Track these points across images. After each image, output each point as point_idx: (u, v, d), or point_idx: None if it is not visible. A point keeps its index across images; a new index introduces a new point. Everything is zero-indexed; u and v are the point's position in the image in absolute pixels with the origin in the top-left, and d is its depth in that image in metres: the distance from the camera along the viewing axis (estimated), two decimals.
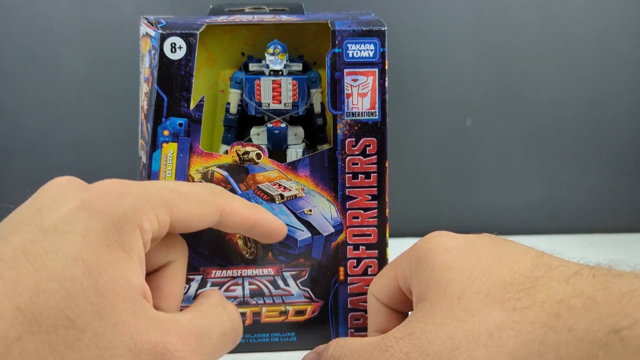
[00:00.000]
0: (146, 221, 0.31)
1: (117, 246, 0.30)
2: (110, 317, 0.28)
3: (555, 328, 0.28)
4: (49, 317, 0.27)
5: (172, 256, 0.34)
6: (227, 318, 0.33)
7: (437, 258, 0.35)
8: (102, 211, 0.30)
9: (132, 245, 0.30)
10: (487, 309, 0.31)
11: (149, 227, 0.31)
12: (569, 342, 0.28)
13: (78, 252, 0.29)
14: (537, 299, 0.30)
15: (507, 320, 0.30)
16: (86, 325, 0.27)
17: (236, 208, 0.36)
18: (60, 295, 0.27)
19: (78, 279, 0.28)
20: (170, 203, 0.32)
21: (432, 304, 0.33)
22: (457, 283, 0.33)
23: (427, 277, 0.34)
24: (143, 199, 0.31)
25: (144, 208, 0.31)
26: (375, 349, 0.33)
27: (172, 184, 0.34)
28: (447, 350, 0.31)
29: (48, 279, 0.28)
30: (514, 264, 0.33)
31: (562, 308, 0.29)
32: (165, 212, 0.32)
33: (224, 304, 0.35)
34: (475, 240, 0.36)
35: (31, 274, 0.28)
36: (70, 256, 0.28)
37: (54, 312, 0.27)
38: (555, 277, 0.31)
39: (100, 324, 0.28)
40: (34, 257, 0.28)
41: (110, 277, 0.29)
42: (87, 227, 0.30)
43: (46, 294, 0.27)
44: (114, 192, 0.31)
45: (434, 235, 0.37)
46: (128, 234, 0.30)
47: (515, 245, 0.35)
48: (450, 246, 0.35)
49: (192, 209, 0.33)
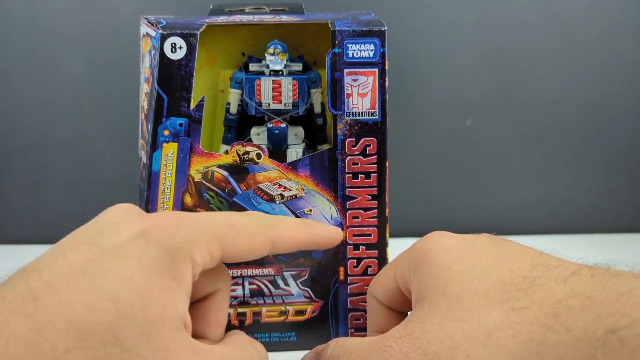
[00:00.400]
0: (198, 254, 0.32)
1: (169, 275, 0.31)
2: (155, 341, 0.29)
3: (554, 328, 0.28)
4: (98, 334, 0.28)
5: (218, 285, 0.36)
6: (257, 355, 0.35)
7: (436, 258, 0.35)
8: (158, 241, 0.31)
9: (182, 276, 0.31)
10: (485, 309, 0.31)
11: (200, 260, 0.32)
12: (567, 342, 0.28)
13: (132, 275, 0.30)
14: (536, 298, 0.30)
15: (505, 320, 0.30)
16: (132, 346, 0.28)
17: (287, 235, 0.36)
18: (112, 314, 0.28)
19: (130, 300, 0.29)
20: (223, 237, 0.33)
21: (431, 304, 0.33)
22: (456, 283, 0.33)
23: (426, 277, 0.34)
24: (198, 232, 0.32)
25: (198, 241, 0.32)
26: (374, 349, 0.34)
27: (226, 216, 0.35)
28: (445, 350, 0.31)
29: (102, 297, 0.28)
30: (512, 264, 0.33)
31: (561, 308, 0.29)
32: (217, 245, 0.33)
33: (254, 342, 0.36)
34: (475, 240, 0.36)
35: (86, 290, 0.28)
36: (124, 278, 0.29)
37: (104, 329, 0.28)
38: (554, 277, 0.31)
39: (145, 346, 0.28)
40: (91, 275, 0.29)
41: (160, 303, 0.29)
42: (143, 253, 0.31)
43: (98, 311, 0.28)
44: (170, 223, 0.32)
45: (433, 236, 0.37)
46: (180, 265, 0.31)
47: (515, 245, 0.35)
48: (449, 246, 0.35)
49: (244, 243, 0.34)
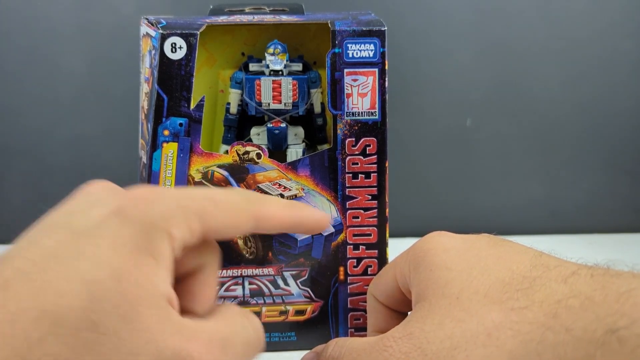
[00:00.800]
0: (176, 229, 0.30)
1: (145, 252, 0.29)
2: (134, 322, 0.28)
3: (553, 328, 0.29)
4: (72, 319, 0.27)
5: (204, 260, 0.34)
6: (251, 327, 0.33)
7: (436, 258, 0.35)
8: (133, 218, 0.30)
9: (160, 252, 0.30)
10: (485, 309, 0.31)
11: (179, 234, 0.31)
12: (566, 342, 0.28)
13: (106, 256, 0.28)
14: (535, 299, 0.30)
15: (505, 320, 0.30)
16: (109, 329, 0.27)
17: (272, 213, 0.35)
18: (85, 298, 0.27)
19: (103, 282, 0.28)
20: (204, 211, 0.32)
21: (431, 304, 0.33)
22: (456, 283, 0.33)
23: (426, 277, 0.34)
24: (175, 207, 0.31)
25: (175, 215, 0.31)
26: (374, 349, 0.33)
27: (206, 191, 0.33)
28: (445, 350, 0.31)
29: (74, 281, 0.27)
30: (512, 264, 0.33)
31: (560, 308, 0.29)
32: (197, 220, 0.31)
33: (247, 313, 0.34)
34: (475, 240, 0.36)
35: (59, 275, 0.27)
36: (98, 260, 0.28)
37: (78, 315, 0.27)
38: (554, 277, 0.31)
39: (124, 328, 0.27)
40: (63, 260, 0.28)
41: (136, 282, 0.28)
42: (117, 232, 0.29)
43: (71, 296, 0.27)
44: (146, 198, 0.31)
45: (432, 236, 0.37)
46: (157, 241, 0.30)
47: (514, 246, 0.35)
48: (449, 246, 0.35)
49: (226, 218, 0.33)
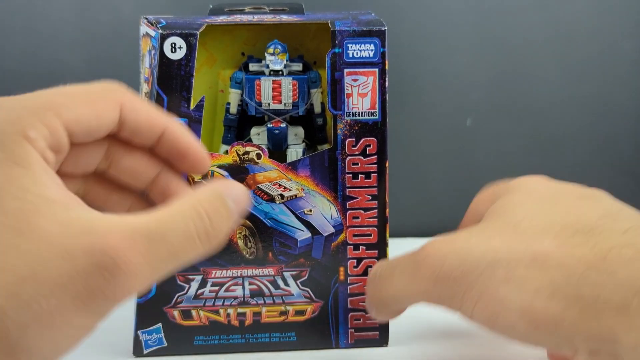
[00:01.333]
0: (31, 131, 0.28)
1: (9, 163, 0.27)
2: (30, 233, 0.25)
3: (598, 269, 0.30)
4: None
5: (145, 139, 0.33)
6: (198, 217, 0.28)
7: (515, 196, 0.37)
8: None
9: (26, 158, 0.27)
10: (538, 237, 0.33)
11: (36, 134, 0.28)
12: (606, 283, 0.29)
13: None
14: (590, 241, 0.31)
15: (555, 251, 0.32)
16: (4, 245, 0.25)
17: (140, 106, 0.32)
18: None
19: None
20: (58, 105, 0.29)
21: (487, 223, 0.35)
22: (520, 216, 0.35)
23: (499, 206, 0.37)
24: (19, 109, 0.28)
25: (22, 117, 0.28)
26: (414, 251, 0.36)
27: (57, 88, 0.31)
28: (485, 262, 0.32)
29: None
30: (583, 213, 0.34)
31: (611, 254, 0.30)
32: (52, 115, 0.29)
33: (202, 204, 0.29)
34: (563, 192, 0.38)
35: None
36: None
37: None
38: (616, 228, 0.32)
39: (22, 241, 0.25)
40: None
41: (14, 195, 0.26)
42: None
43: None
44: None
45: (526, 178, 0.40)
46: (15, 148, 0.27)
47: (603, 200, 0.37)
48: (532, 189, 0.38)
49: (84, 107, 0.30)
